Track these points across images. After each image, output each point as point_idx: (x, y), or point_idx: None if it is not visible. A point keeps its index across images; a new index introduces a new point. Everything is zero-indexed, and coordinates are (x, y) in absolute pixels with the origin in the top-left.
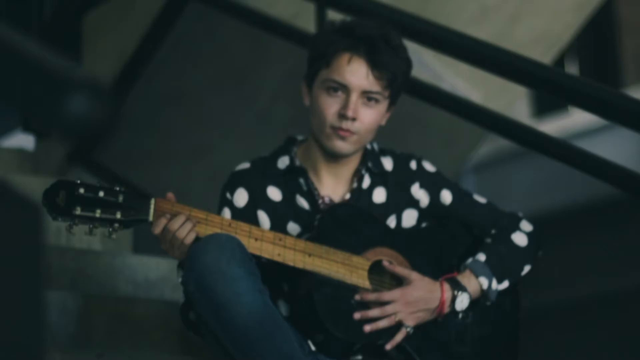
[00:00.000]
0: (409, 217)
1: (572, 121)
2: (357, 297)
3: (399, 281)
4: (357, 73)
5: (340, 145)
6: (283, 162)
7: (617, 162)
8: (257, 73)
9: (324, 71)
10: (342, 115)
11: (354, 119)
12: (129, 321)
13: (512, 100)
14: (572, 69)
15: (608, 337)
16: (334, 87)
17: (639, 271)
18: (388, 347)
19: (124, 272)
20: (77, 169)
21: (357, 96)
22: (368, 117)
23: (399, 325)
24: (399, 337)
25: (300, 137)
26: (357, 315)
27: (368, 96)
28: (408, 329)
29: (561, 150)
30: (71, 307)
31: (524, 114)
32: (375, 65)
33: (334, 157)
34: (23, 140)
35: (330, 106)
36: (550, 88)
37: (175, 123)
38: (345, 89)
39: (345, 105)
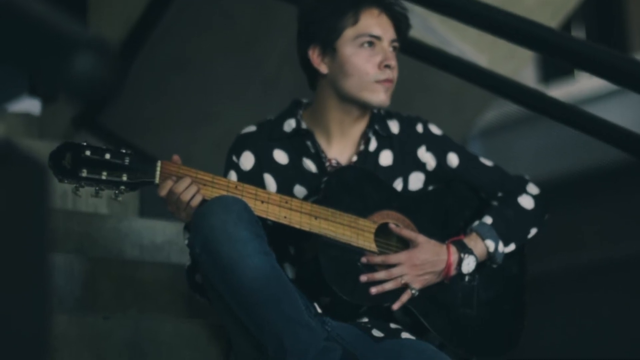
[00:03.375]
0: (416, 180)
1: (578, 87)
2: (364, 259)
3: (405, 244)
4: (385, 24)
5: (384, 98)
6: (289, 124)
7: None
8: (263, 39)
9: (350, 30)
10: (386, 66)
11: (393, 68)
12: (135, 284)
13: (519, 66)
14: (578, 34)
15: (615, 302)
16: (368, 41)
17: None
18: (394, 307)
19: (130, 236)
20: (83, 134)
21: (388, 45)
22: (397, 65)
23: (405, 288)
24: (405, 297)
25: (305, 100)
26: (363, 278)
27: (394, 45)
28: (413, 291)
29: (569, 115)
30: (77, 271)
31: (531, 79)
32: (394, 16)
33: (354, 116)
34: (29, 105)
35: (368, 61)
36: (559, 52)
37: (181, 89)
38: (378, 40)
39: (385, 56)
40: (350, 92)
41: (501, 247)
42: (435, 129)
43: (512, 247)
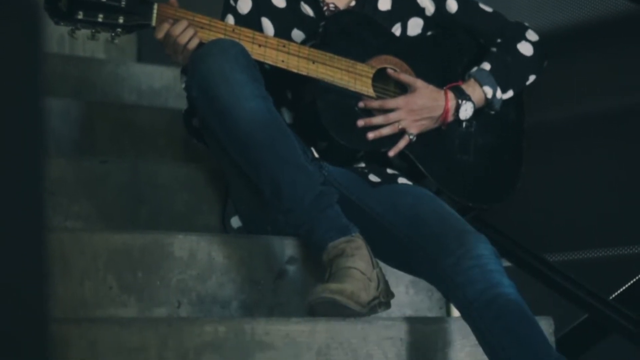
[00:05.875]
0: (414, 26)
1: None
2: (361, 104)
3: (403, 89)
4: None
5: None
6: None
7: None
8: None
9: None
10: None
11: None
12: (132, 129)
13: None
14: None
15: (613, 152)
16: None
17: None
18: (391, 153)
19: (127, 81)
20: None
21: None
22: None
23: (402, 133)
24: (402, 144)
25: None
26: (360, 123)
27: None
28: (411, 137)
29: None
30: (75, 115)
31: None
32: None
33: None
34: None
35: None
36: None
37: None
38: None
39: None
40: None
41: (499, 94)
42: None
43: (510, 93)
